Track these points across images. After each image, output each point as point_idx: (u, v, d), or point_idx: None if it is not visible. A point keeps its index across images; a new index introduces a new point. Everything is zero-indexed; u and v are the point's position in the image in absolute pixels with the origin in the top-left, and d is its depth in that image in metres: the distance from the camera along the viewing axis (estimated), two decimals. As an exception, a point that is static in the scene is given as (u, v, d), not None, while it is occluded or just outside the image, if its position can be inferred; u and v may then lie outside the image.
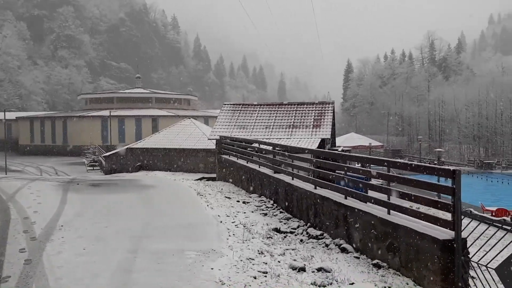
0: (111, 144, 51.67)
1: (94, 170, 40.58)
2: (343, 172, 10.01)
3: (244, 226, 10.49)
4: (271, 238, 9.78)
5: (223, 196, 15.54)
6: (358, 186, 9.75)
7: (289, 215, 12.29)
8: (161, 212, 12.26)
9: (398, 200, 7.99)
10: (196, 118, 49.41)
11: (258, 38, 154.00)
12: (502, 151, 64.95)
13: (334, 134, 29.01)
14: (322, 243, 9.56)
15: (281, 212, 12.79)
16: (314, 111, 24.85)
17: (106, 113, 55.77)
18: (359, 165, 24.43)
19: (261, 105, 26.45)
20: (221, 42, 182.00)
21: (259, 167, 16.07)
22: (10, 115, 68.43)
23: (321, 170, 11.43)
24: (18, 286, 6.31)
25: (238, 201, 14.53)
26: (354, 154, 16.69)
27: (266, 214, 12.57)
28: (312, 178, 11.65)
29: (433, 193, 8.63)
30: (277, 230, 10.55)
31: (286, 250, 8.82)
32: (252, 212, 12.75)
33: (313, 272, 7.48)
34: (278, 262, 7.92)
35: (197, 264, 7.37)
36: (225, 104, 27.17)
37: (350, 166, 10.16)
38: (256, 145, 17.87)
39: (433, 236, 6.66)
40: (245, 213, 12.39)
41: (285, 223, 11.50)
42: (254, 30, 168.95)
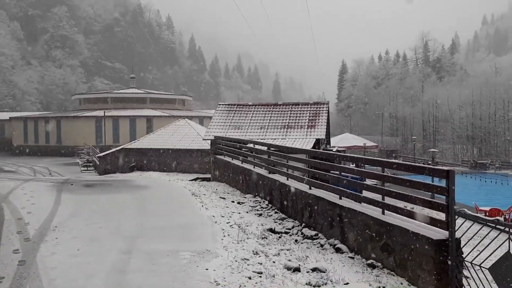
0: (105, 144, 51.46)
1: (88, 170, 40.40)
2: (338, 172, 10.04)
3: (239, 227, 10.48)
4: (266, 238, 9.79)
5: (218, 196, 15.52)
6: (353, 187, 9.79)
7: (284, 216, 12.30)
8: (155, 212, 12.23)
9: (393, 200, 8.03)
10: (190, 118, 49.33)
11: (253, 39, 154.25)
12: (496, 151, 65.36)
13: (328, 135, 29.08)
14: (317, 243, 9.57)
15: (276, 212, 12.80)
16: (308, 112, 24.88)
17: (100, 113, 55.60)
18: (354, 165, 24.58)
19: (256, 105, 26.44)
20: (216, 42, 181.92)
21: (254, 168, 16.07)
22: (4, 115, 68.27)
23: (315, 171, 11.46)
24: (12, 287, 6.28)
25: (233, 201, 14.51)
26: (348, 155, 16.72)
27: (261, 215, 12.56)
28: (307, 178, 11.67)
29: (427, 193, 8.66)
30: (272, 231, 10.55)
31: (281, 250, 8.82)
32: (247, 212, 12.74)
33: (308, 272, 7.49)
34: (273, 262, 7.92)
35: (191, 264, 7.36)
36: (220, 104, 27.13)
37: (345, 166, 10.20)
38: (251, 145, 17.86)
39: (427, 236, 6.69)
40: (240, 213, 12.38)
41: (280, 224, 11.50)
42: (249, 30, 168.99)
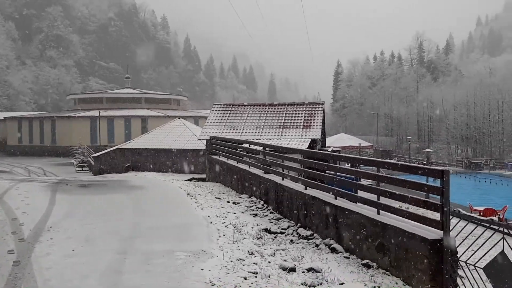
0: (100, 144, 51.28)
1: (83, 170, 40.26)
2: (333, 172, 10.06)
3: (234, 227, 10.47)
4: (262, 238, 9.79)
5: (213, 196, 15.50)
6: (348, 187, 9.81)
7: (279, 216, 12.30)
8: (150, 213, 12.21)
9: (388, 200, 8.05)
10: (186, 118, 49.26)
11: (248, 39, 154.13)
12: (490, 152, 65.71)
13: (324, 135, 29.11)
14: (312, 243, 9.58)
15: (271, 212, 12.80)
16: (304, 112, 24.90)
17: (95, 113, 55.38)
18: (349, 165, 24.64)
19: (251, 105, 26.43)
20: (211, 42, 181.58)
21: (250, 168, 16.06)
22: (-2, 115, 67.87)
23: (311, 171, 11.47)
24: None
25: (228, 201, 14.50)
26: (344, 155, 16.79)
27: (256, 215, 12.56)
28: (302, 178, 11.68)
29: (422, 193, 8.69)
30: (267, 231, 10.55)
31: (277, 250, 8.83)
32: (242, 212, 12.73)
33: (303, 272, 7.50)
34: (269, 262, 7.92)
35: (187, 265, 7.34)
36: (215, 104, 27.11)
37: (340, 166, 10.22)
38: (246, 145, 17.85)
39: (422, 235, 6.72)
40: (235, 213, 12.37)
41: (275, 224, 11.51)
42: (244, 30, 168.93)
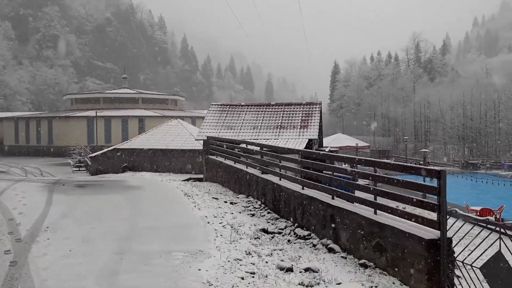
0: (97, 144, 51.16)
1: (80, 171, 40.13)
2: (330, 172, 10.07)
3: (231, 227, 10.47)
4: (259, 238, 9.79)
5: (211, 196, 15.49)
6: (346, 187, 9.81)
7: (276, 216, 12.31)
8: (147, 213, 12.19)
9: (385, 200, 8.06)
10: (183, 118, 49.18)
11: (245, 39, 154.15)
12: (487, 152, 65.86)
13: (321, 135, 29.15)
14: (310, 243, 9.59)
15: (268, 212, 12.80)
16: (301, 112, 24.92)
17: (92, 113, 55.27)
18: (346, 165, 24.65)
19: (248, 105, 26.44)
20: (208, 42, 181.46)
21: (247, 168, 16.06)
22: (-5, 116, 67.59)
23: (308, 171, 11.48)
24: (2, 288, 6.24)
25: (226, 201, 14.50)
26: (341, 155, 16.78)
27: (253, 215, 12.56)
28: (299, 178, 11.68)
29: (419, 193, 8.71)
30: (264, 231, 10.55)
31: (274, 250, 8.83)
32: (239, 212, 12.73)
33: (300, 272, 7.50)
34: (266, 262, 7.92)
35: (184, 265, 7.34)
36: (212, 104, 27.10)
37: (337, 166, 10.22)
38: (243, 145, 17.84)
39: (419, 235, 6.73)
40: (232, 213, 12.37)
41: (272, 224, 11.51)
42: (242, 30, 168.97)
